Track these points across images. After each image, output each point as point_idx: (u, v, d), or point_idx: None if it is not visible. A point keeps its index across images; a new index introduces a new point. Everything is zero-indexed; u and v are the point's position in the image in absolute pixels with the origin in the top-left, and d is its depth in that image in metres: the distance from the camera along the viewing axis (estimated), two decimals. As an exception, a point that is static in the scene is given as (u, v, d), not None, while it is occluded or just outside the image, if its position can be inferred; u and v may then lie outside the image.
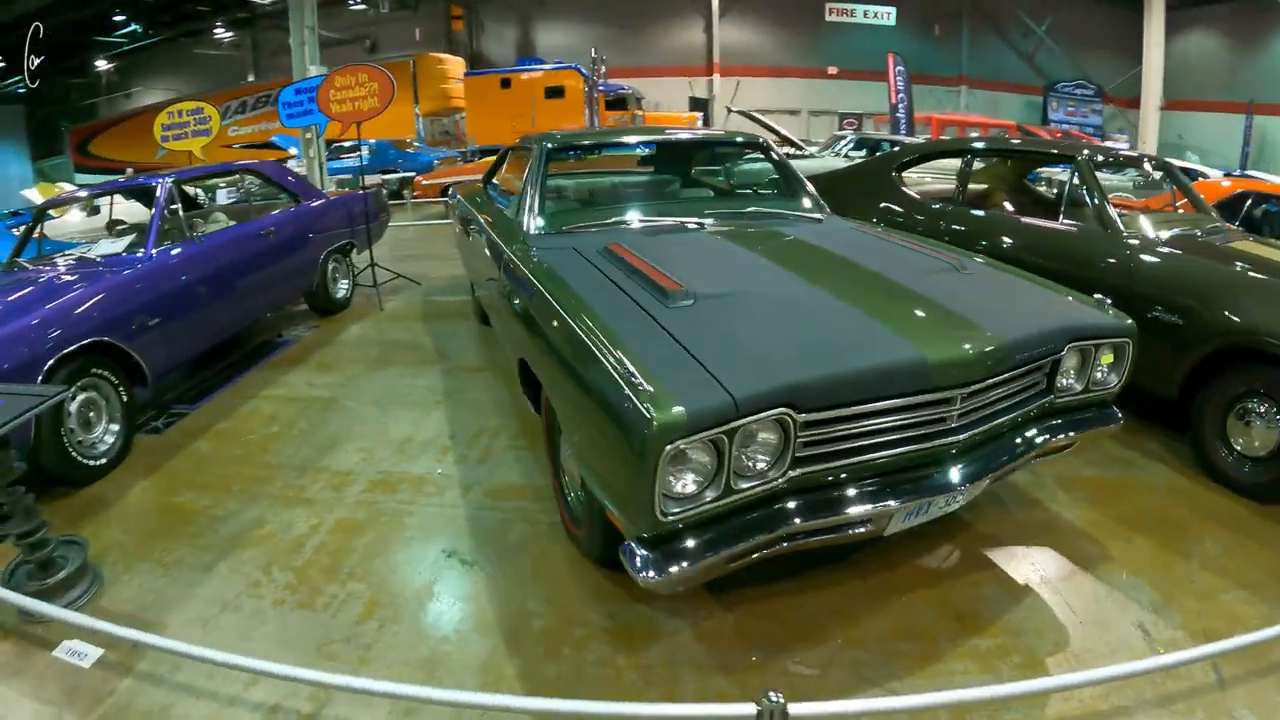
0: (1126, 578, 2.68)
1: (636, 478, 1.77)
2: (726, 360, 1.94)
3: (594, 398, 1.99)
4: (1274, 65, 18.83)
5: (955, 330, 2.22)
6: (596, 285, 2.54)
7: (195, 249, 4.26)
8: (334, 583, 2.58)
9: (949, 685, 2.11)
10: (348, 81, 6.09)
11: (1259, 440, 3.18)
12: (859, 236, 3.33)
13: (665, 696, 2.09)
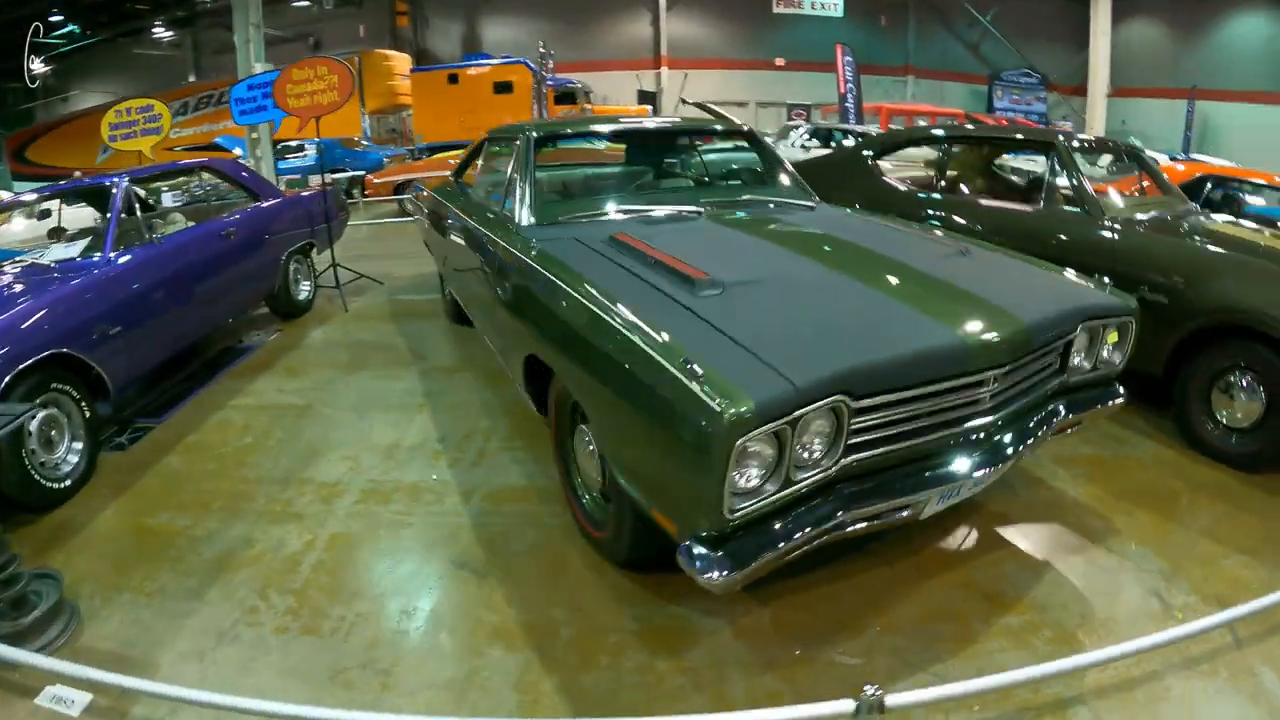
0: (1135, 548, 2.74)
1: (701, 475, 1.67)
2: (776, 348, 1.85)
3: (638, 393, 1.87)
4: (1215, 52, 19.47)
5: (986, 314, 2.20)
6: (615, 277, 2.42)
7: (155, 251, 3.95)
8: (339, 603, 2.40)
9: (989, 665, 2.10)
10: (306, 75, 5.77)
11: (1242, 412, 3.26)
12: (860, 223, 3.28)
13: (714, 698, 2.00)
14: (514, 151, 3.50)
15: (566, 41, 17.64)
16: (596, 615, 2.32)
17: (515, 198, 3.27)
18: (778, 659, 2.15)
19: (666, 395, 1.77)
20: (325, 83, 5.73)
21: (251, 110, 6.36)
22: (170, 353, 4.06)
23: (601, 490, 2.49)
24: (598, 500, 2.57)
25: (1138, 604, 2.40)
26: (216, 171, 5.34)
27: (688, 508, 1.80)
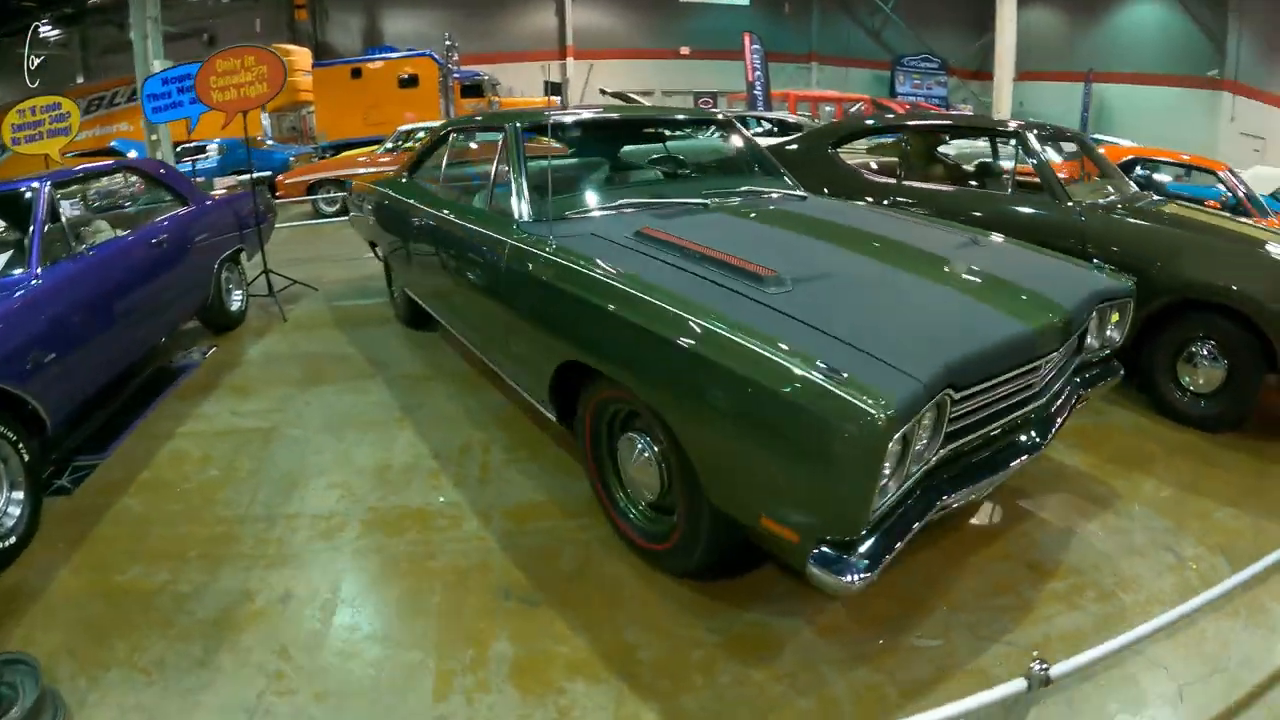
0: (1138, 509, 2.88)
1: (847, 480, 1.61)
2: (883, 345, 1.77)
3: (754, 398, 1.72)
4: (1110, 36, 20.42)
5: (1038, 303, 2.24)
6: (670, 275, 2.23)
7: (86, 264, 3.39)
8: (381, 655, 2.10)
9: (1052, 629, 2.19)
10: (231, 65, 5.14)
11: (1204, 378, 3.45)
12: (866, 212, 3.27)
13: (819, 701, 1.91)
14: (501, 143, 3.20)
15: (470, 33, 16.88)
16: (672, 632, 2.15)
17: (512, 192, 2.99)
18: (864, 651, 2.10)
19: (795, 399, 1.64)
20: (253, 74, 5.13)
21: (166, 107, 5.63)
22: (109, 378, 3.52)
23: (655, 501, 2.33)
24: (648, 513, 2.40)
25: (1156, 559, 2.56)
26: (140, 172, 4.68)
27: (820, 513, 1.70)
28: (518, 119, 3.26)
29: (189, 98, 5.48)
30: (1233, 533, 2.75)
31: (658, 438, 2.22)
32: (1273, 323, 3.16)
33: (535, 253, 2.63)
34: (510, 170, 3.07)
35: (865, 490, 1.60)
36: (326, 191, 9.62)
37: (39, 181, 3.46)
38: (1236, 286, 3.22)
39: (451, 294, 3.64)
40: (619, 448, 2.45)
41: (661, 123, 3.71)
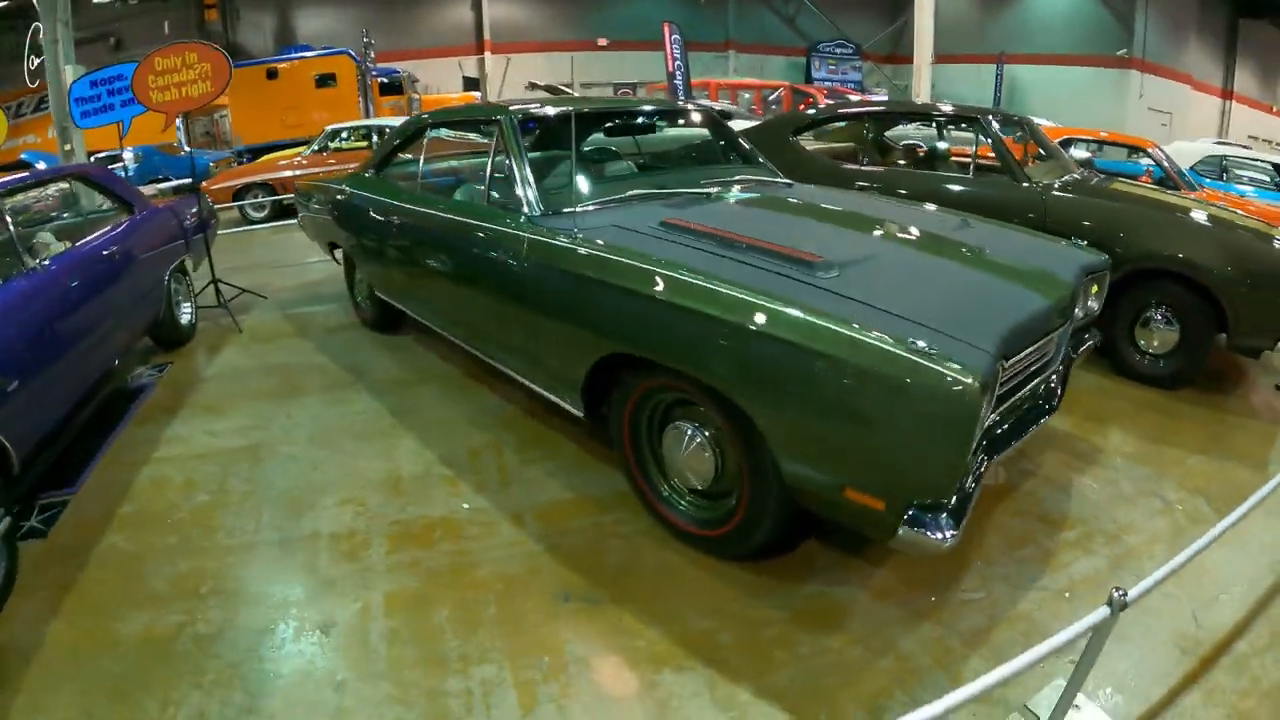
0: (1121, 462, 3.08)
1: (945, 446, 1.71)
2: (946, 321, 1.85)
3: (845, 376, 1.76)
4: (1021, 18, 20.81)
5: (1047, 279, 2.42)
6: (724, 265, 2.19)
7: (43, 279, 3.01)
8: (452, 675, 1.97)
9: (1077, 572, 2.39)
10: (172, 63, 4.67)
11: (1159, 341, 3.70)
12: (860, 198, 3.35)
13: (895, 659, 2.02)
14: (497, 135, 3.04)
15: (386, 29, 16.08)
16: (739, 614, 2.14)
17: (517, 185, 2.85)
18: (920, 609, 2.19)
19: (895, 375, 1.70)
20: (196, 71, 4.68)
21: (95, 111, 5.06)
22: (71, 404, 3.15)
23: (707, 488, 2.31)
24: (697, 500, 2.39)
25: (1145, 505, 2.80)
26: (89, 179, 4.20)
27: (915, 480, 1.77)
28: (513, 111, 3.10)
29: (120, 100, 4.98)
30: (1206, 476, 3.00)
31: (715, 424, 2.21)
32: (1224, 287, 3.40)
33: (562, 245, 2.52)
34: (512, 162, 2.92)
35: (963, 454, 1.70)
36: (254, 196, 8.99)
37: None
38: (1192, 256, 3.45)
39: (442, 293, 3.45)
40: (664, 438, 2.41)
41: (646, 114, 3.62)
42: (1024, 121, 4.43)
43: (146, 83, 4.76)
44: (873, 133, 4.73)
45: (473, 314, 3.21)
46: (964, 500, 1.83)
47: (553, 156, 3.33)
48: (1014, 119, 4.40)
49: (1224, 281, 3.39)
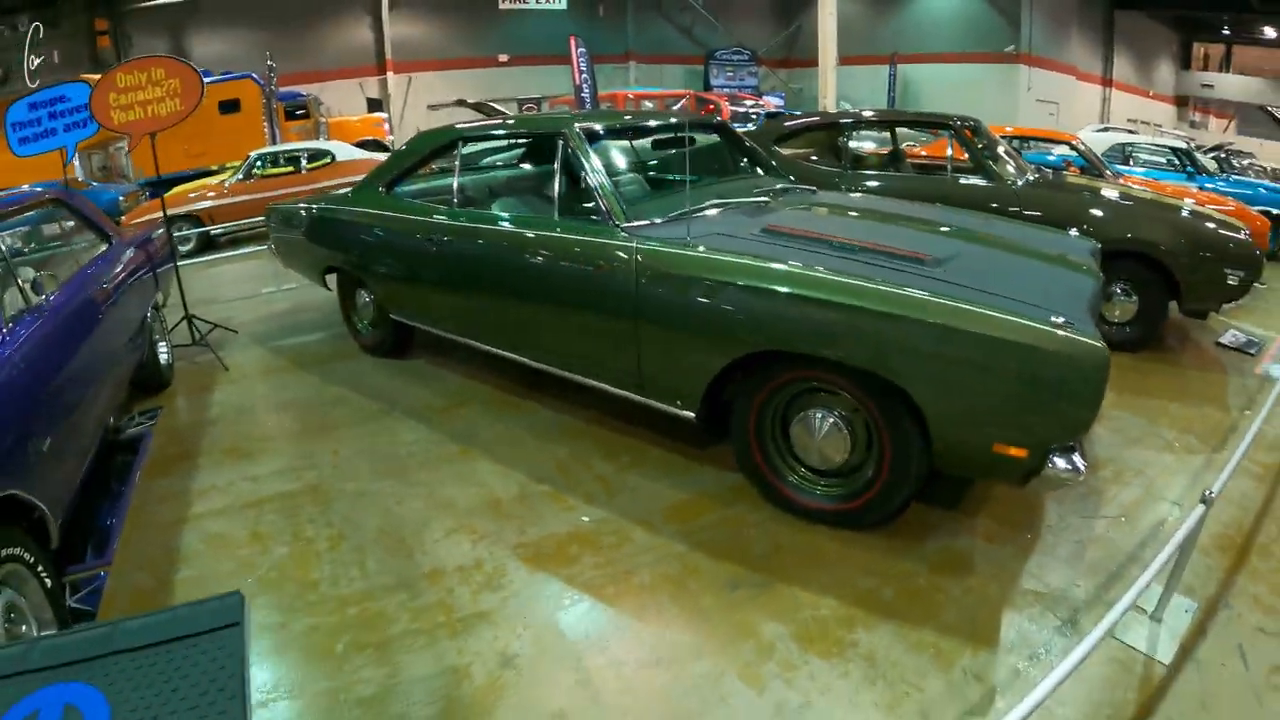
0: (1119, 414, 3.45)
1: (1088, 399, 1.95)
2: (1049, 302, 2.10)
3: (1009, 354, 1.96)
4: (911, 19, 21.39)
5: (1079, 263, 2.74)
6: (853, 265, 2.30)
7: (48, 321, 2.55)
8: (668, 676, 1.84)
9: (1122, 500, 2.74)
10: (135, 80, 4.10)
11: (1121, 311, 4.10)
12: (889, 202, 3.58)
13: (1025, 588, 2.23)
14: (562, 149, 2.91)
15: (286, 52, 14.82)
16: (890, 572, 2.29)
17: (604, 198, 2.76)
18: (1025, 546, 2.44)
19: (1035, 344, 1.93)
20: (163, 89, 4.13)
21: (35, 137, 4.31)
22: (88, 462, 2.68)
23: (838, 468, 2.43)
24: (829, 481, 2.50)
25: (1153, 444, 3.20)
26: (68, 205, 3.57)
27: (1059, 428, 1.99)
28: (577, 121, 2.97)
29: (64, 123, 4.30)
30: (1188, 418, 3.43)
31: (853, 406, 2.31)
32: (1176, 262, 3.82)
33: (690, 255, 2.47)
34: (589, 175, 2.81)
35: (1097, 404, 1.98)
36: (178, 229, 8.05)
37: None
38: (1151, 237, 3.87)
39: (502, 310, 3.26)
40: (792, 428, 2.47)
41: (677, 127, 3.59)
42: (976, 125, 4.76)
43: (107, 101, 4.16)
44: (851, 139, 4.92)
45: (553, 329, 3.05)
46: (1080, 442, 2.07)
47: (613, 169, 3.23)
48: (970, 122, 4.72)
49: (1177, 257, 3.81)
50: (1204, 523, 1.93)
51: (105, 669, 1.19)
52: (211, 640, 1.15)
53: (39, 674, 1.19)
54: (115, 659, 1.20)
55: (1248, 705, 1.78)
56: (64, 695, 1.16)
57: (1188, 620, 2.05)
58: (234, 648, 1.10)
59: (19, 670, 1.16)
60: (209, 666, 1.08)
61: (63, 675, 1.18)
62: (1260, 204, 7.37)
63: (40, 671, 1.19)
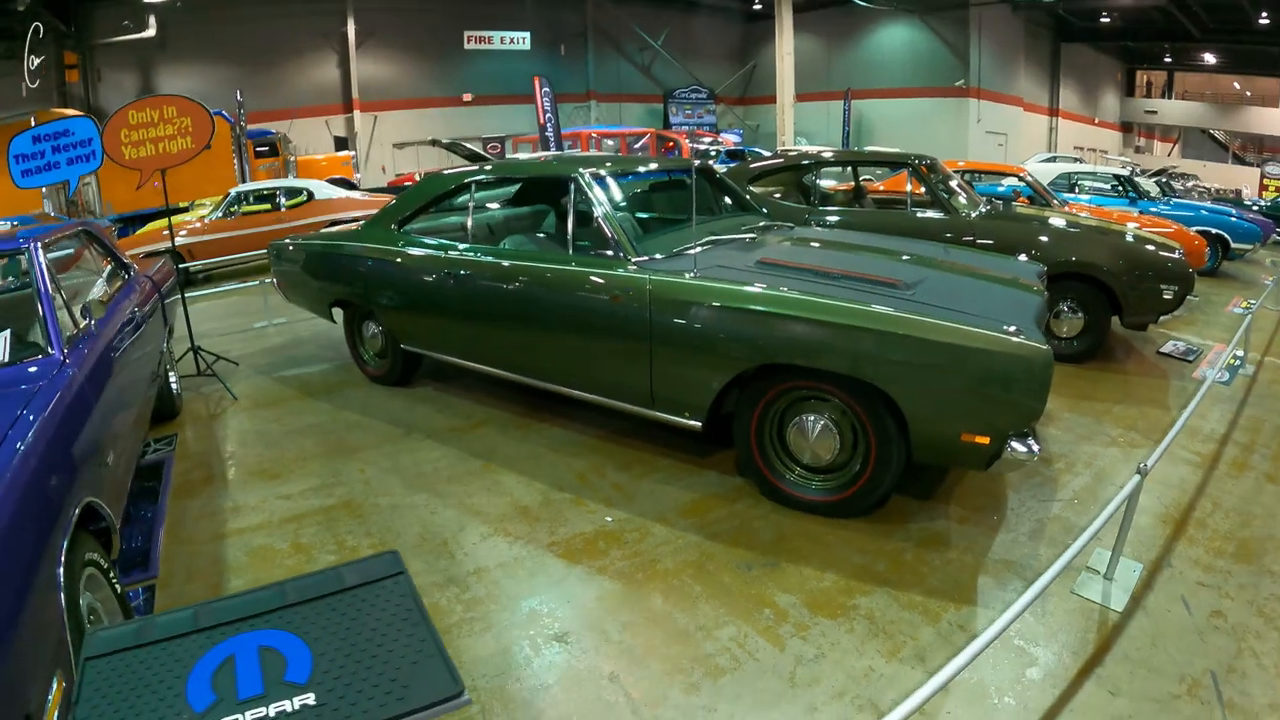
0: (1068, 416, 3.96)
1: (1035, 394, 2.40)
2: (1005, 316, 2.56)
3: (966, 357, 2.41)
4: (863, 57, 22.68)
5: (1028, 284, 3.23)
6: (838, 291, 2.72)
7: (98, 343, 2.80)
8: (705, 641, 2.22)
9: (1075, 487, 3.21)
10: (148, 118, 4.38)
11: (1069, 327, 4.66)
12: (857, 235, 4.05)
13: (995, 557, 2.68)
14: (573, 190, 3.32)
15: (254, 89, 15.10)
16: (879, 550, 2.72)
17: (615, 235, 3.16)
18: (992, 525, 2.91)
19: (1005, 351, 2.38)
20: (175, 126, 4.42)
21: (38, 169, 4.51)
22: (132, 478, 2.92)
23: (827, 465, 2.85)
24: (821, 477, 2.90)
25: (1099, 441, 3.71)
26: (94, 235, 3.81)
27: (1016, 418, 2.44)
28: (586, 165, 3.38)
29: (67, 157, 4.51)
30: (1130, 419, 3.96)
31: (843, 410, 2.73)
32: (1116, 281, 4.39)
33: (700, 284, 2.89)
34: (601, 215, 3.22)
35: (1044, 396, 2.42)
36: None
37: (27, 241, 2.83)
38: (1094, 260, 4.44)
39: (518, 337, 3.60)
40: (788, 431, 2.88)
41: (675, 170, 4.04)
42: (933, 162, 5.34)
43: (119, 137, 4.44)
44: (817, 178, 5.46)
45: (569, 353, 3.41)
46: (1032, 429, 2.55)
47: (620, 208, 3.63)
48: (927, 160, 5.30)
49: (1117, 277, 4.37)
50: (1140, 491, 2.39)
51: (286, 618, 1.47)
52: (381, 587, 1.45)
53: (224, 627, 1.45)
54: (295, 610, 1.47)
55: (1192, 642, 2.21)
56: (256, 640, 1.44)
57: (1135, 578, 2.50)
58: (406, 589, 1.41)
59: (203, 626, 1.42)
60: (388, 606, 1.39)
61: (248, 626, 1.45)
62: (1201, 224, 8.23)
63: (225, 625, 1.45)
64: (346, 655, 1.39)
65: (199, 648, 1.43)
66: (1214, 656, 2.13)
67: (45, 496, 1.89)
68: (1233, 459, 3.52)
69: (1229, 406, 4.20)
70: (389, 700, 1.23)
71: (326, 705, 1.25)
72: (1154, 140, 32.95)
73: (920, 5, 20.76)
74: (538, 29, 19.98)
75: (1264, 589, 2.48)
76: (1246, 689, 2.01)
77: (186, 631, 1.46)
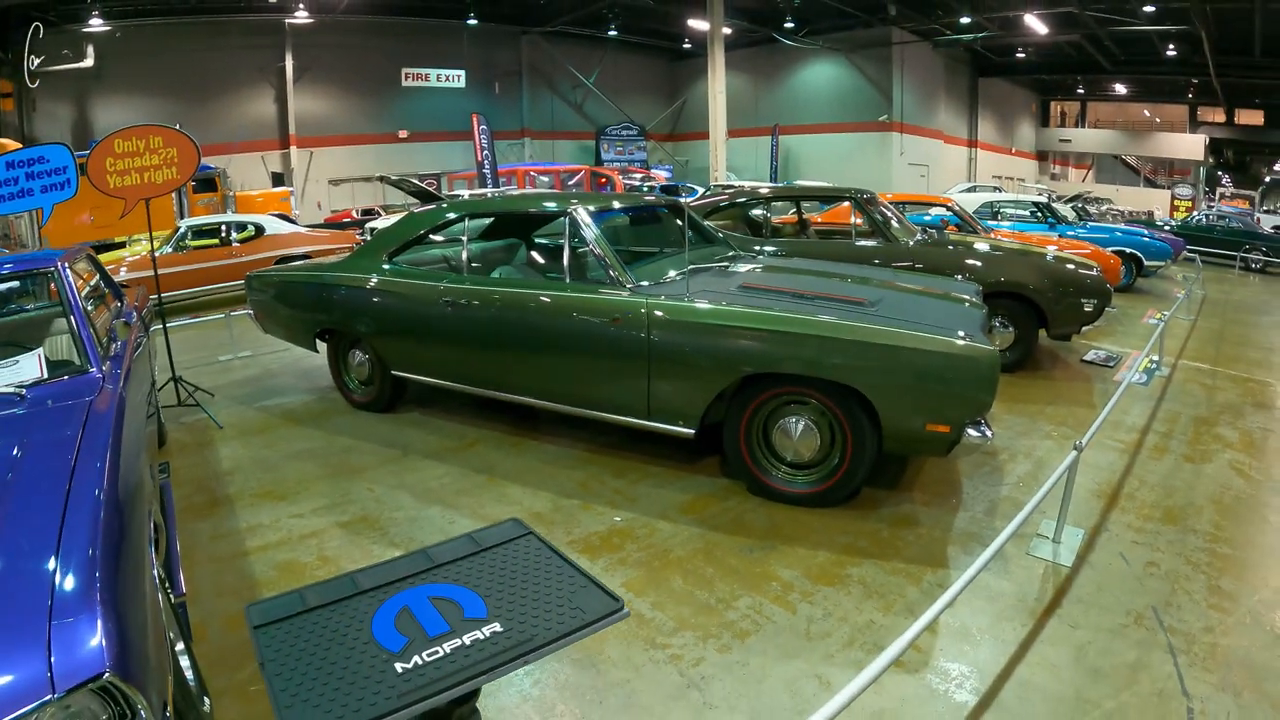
0: (1006, 416, 4.61)
1: (985, 389, 2.88)
2: (954, 325, 3.06)
3: (926, 358, 2.89)
4: (790, 94, 23.79)
5: (970, 300, 3.77)
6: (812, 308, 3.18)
7: (123, 359, 2.95)
8: (728, 610, 2.57)
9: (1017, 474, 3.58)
10: (134, 147, 4.48)
11: (1001, 340, 5.33)
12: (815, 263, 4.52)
13: (959, 531, 3.18)
14: (569, 223, 3.69)
15: (190, 123, 14.61)
16: (859, 530, 3.17)
17: (610, 265, 3.56)
18: (952, 506, 3.41)
19: (959, 353, 2.89)
20: (160, 157, 4.53)
21: (11, 196, 4.45)
22: None
23: (808, 461, 3.27)
24: (804, 473, 3.31)
25: (1035, 436, 4.35)
26: (94, 261, 3.88)
27: (970, 409, 2.91)
28: (584, 202, 3.77)
29: (41, 184, 4.53)
30: (1061, 416, 4.60)
31: (822, 411, 3.17)
32: (1041, 297, 5.05)
33: (689, 307, 3.31)
34: (597, 246, 3.62)
35: (993, 390, 2.91)
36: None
37: (52, 259, 2.97)
38: (1022, 279, 5.12)
39: (515, 360, 3.91)
40: (772, 433, 3.30)
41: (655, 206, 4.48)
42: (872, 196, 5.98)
43: (104, 165, 4.52)
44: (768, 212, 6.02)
45: (569, 373, 3.73)
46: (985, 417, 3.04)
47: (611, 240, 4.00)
48: (867, 194, 5.93)
49: (1042, 293, 5.04)
50: (1077, 465, 2.90)
51: (441, 575, 1.68)
52: (515, 545, 1.72)
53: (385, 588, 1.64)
54: (445, 568, 1.70)
55: (1132, 586, 2.72)
56: (424, 593, 1.65)
57: (1079, 540, 3.02)
58: (540, 544, 1.68)
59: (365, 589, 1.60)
60: (528, 558, 1.65)
61: (407, 584, 1.65)
62: (1116, 245, 9.27)
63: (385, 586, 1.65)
64: (514, 593, 1.62)
65: (368, 606, 1.63)
66: (1153, 595, 2.65)
67: (134, 503, 2.05)
68: (1153, 445, 4.19)
69: (1148, 403, 4.91)
70: (566, 619, 1.48)
71: (513, 629, 1.48)
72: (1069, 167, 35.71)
73: (845, 44, 22.26)
74: (473, 67, 20.48)
75: (1190, 544, 3.04)
76: (1183, 618, 2.52)
77: (350, 594, 1.65)
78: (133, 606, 1.50)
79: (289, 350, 5.51)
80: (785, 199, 6.86)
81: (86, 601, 1.36)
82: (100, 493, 1.80)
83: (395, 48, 19.45)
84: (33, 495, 1.76)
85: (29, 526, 1.62)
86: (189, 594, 2.88)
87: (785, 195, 6.77)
